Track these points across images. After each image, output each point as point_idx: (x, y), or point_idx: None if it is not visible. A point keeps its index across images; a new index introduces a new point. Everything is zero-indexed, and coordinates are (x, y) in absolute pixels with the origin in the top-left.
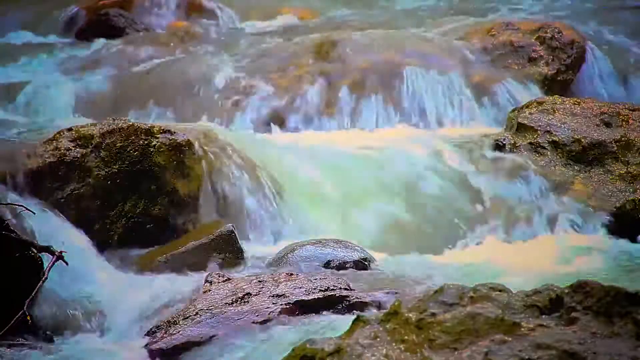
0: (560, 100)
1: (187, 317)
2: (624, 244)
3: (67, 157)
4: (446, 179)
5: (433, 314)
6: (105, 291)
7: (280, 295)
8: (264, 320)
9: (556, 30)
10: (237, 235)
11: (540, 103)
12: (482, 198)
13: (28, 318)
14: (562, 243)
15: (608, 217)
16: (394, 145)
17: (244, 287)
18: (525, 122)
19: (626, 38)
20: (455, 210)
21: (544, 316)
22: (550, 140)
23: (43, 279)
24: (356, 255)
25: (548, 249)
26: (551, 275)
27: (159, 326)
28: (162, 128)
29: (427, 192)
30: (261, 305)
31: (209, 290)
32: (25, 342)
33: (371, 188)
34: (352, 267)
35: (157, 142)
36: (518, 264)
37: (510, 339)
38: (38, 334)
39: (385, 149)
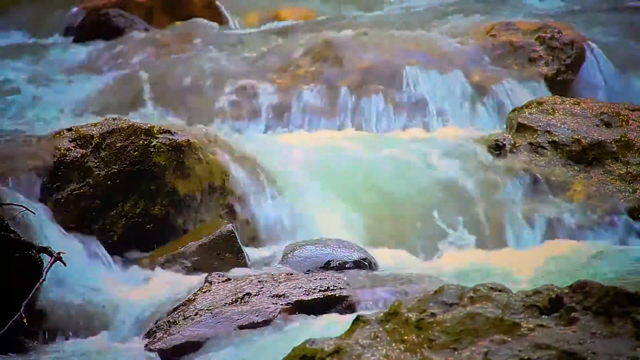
0: (560, 100)
1: (187, 317)
2: (623, 244)
3: (67, 157)
4: (446, 179)
5: (433, 314)
6: (105, 291)
7: (280, 295)
8: (264, 320)
9: (556, 30)
10: (237, 235)
11: (540, 103)
12: (482, 198)
13: (24, 320)
14: (561, 243)
15: (608, 218)
16: (394, 145)
17: (244, 287)
18: (525, 122)
19: (626, 38)
20: (455, 211)
21: (543, 316)
22: (550, 140)
23: (41, 280)
24: (356, 255)
25: (547, 249)
26: (550, 275)
27: (159, 326)
28: (162, 128)
29: (427, 192)
30: (261, 305)
31: (209, 290)
32: (25, 343)
33: (371, 188)
34: (352, 267)
35: (157, 142)
36: (518, 264)
37: (510, 339)
38: (37, 334)
39: (385, 150)
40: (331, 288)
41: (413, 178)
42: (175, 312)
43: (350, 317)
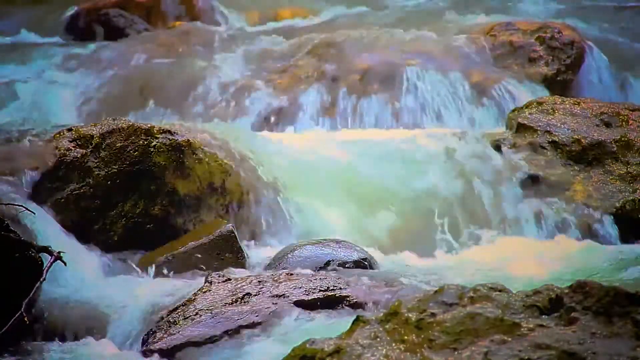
0: (560, 100)
1: (187, 317)
2: (623, 244)
3: (67, 157)
4: (446, 179)
5: (433, 314)
6: (105, 292)
7: (280, 295)
8: (264, 320)
9: (556, 30)
10: (237, 235)
11: (540, 103)
12: (482, 198)
13: (26, 319)
14: (561, 243)
15: (608, 218)
16: (393, 145)
17: (244, 287)
18: (525, 122)
19: (626, 38)
20: (455, 211)
21: (543, 316)
22: (550, 140)
23: (41, 279)
24: (356, 255)
25: (548, 249)
26: (551, 275)
27: (159, 326)
28: (162, 128)
29: (427, 192)
30: (261, 305)
31: (209, 290)
32: (25, 344)
33: (371, 188)
34: (352, 267)
35: (157, 142)
36: (518, 264)
37: (510, 339)
38: (37, 334)
39: (385, 150)
40: (331, 288)
41: (413, 178)
42: (175, 312)
43: (350, 317)
